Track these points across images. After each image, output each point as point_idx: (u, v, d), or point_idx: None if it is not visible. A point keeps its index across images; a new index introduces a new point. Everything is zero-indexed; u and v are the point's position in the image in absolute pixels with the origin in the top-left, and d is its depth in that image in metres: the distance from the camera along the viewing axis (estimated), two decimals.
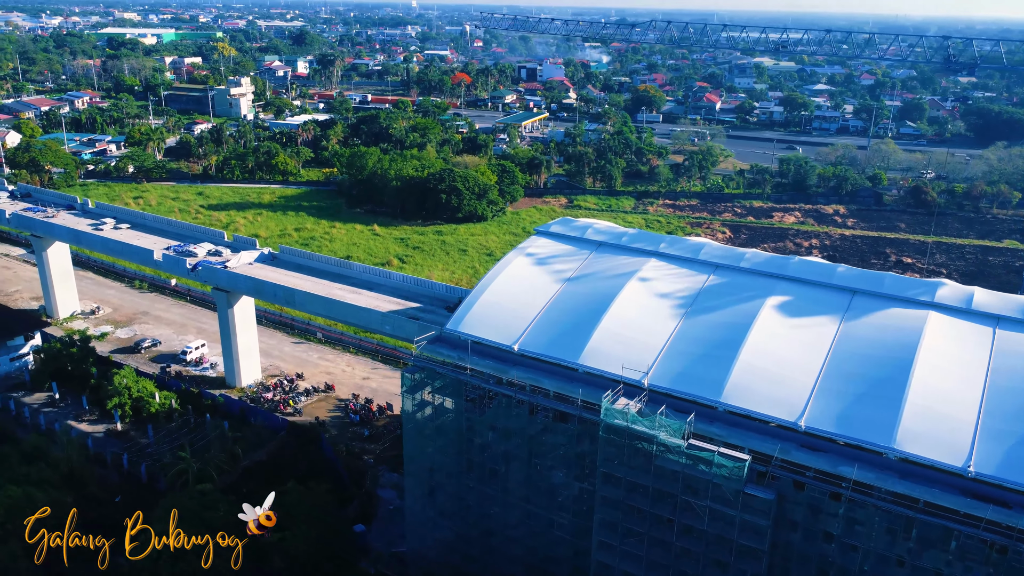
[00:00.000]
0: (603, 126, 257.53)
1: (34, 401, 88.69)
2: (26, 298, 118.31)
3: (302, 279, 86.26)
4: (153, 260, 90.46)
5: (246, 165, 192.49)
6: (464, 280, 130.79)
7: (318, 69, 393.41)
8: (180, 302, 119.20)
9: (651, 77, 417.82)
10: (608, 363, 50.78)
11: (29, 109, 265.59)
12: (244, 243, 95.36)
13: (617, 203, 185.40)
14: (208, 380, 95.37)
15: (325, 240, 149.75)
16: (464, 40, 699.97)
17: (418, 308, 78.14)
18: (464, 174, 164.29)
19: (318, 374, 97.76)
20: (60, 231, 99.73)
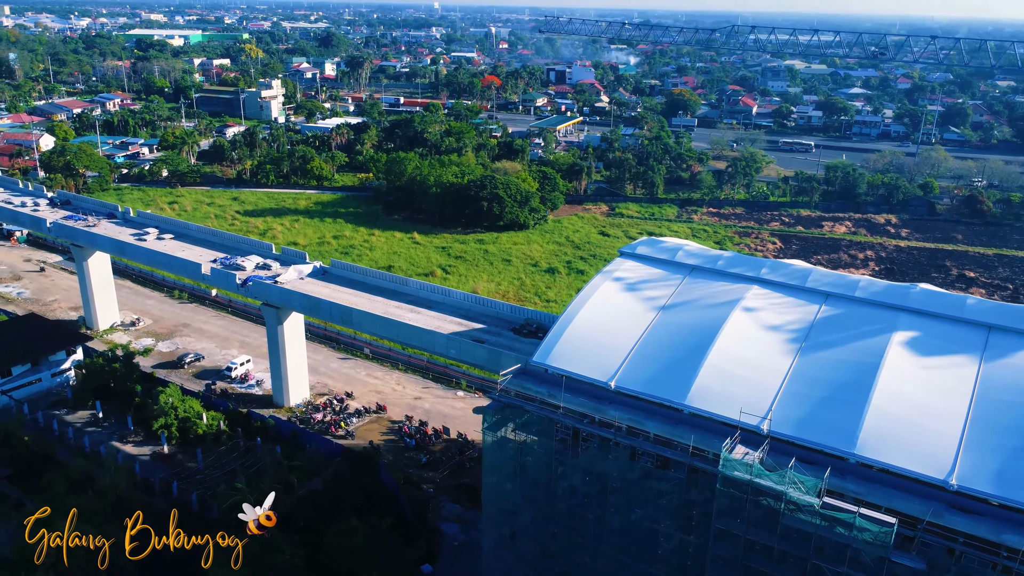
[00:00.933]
0: (640, 131, 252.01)
1: (77, 419, 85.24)
2: (64, 308, 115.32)
3: (356, 296, 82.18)
4: (201, 274, 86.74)
5: (281, 170, 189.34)
6: (511, 293, 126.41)
7: (346, 71, 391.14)
8: (221, 313, 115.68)
9: (681, 80, 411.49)
10: (719, 405, 46.00)
11: (61, 111, 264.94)
12: (293, 256, 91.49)
13: (660, 211, 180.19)
14: (254, 398, 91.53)
15: (365, 248, 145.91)
16: (489, 42, 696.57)
17: (482, 330, 73.82)
18: (506, 181, 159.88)
19: (368, 393, 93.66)
20: (103, 242, 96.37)
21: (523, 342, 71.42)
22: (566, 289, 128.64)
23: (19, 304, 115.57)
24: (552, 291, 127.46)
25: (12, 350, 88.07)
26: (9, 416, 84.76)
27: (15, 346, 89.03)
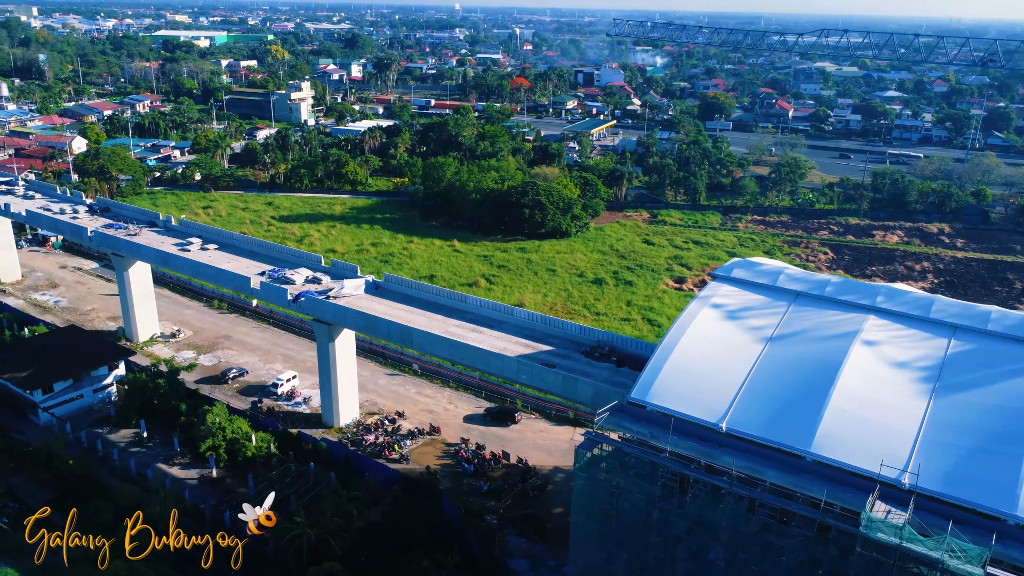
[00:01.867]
0: (676, 135, 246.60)
1: (120, 439, 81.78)
2: (103, 318, 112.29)
3: (413, 313, 78.10)
4: (250, 288, 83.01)
5: (315, 174, 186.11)
6: (559, 305, 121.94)
7: (373, 73, 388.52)
8: (262, 325, 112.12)
9: (711, 82, 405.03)
10: (848, 453, 41.30)
11: (91, 113, 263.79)
12: (344, 269, 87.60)
13: (703, 218, 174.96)
14: (302, 417, 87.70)
15: (404, 256, 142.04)
16: (513, 43, 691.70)
17: (550, 352, 69.47)
18: (547, 187, 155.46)
19: (419, 412, 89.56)
20: (147, 252, 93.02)
21: (596, 366, 67.05)
22: (615, 301, 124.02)
23: (56, 313, 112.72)
24: (601, 303, 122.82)
25: (54, 365, 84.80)
26: (51, 434, 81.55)
27: (57, 361, 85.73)
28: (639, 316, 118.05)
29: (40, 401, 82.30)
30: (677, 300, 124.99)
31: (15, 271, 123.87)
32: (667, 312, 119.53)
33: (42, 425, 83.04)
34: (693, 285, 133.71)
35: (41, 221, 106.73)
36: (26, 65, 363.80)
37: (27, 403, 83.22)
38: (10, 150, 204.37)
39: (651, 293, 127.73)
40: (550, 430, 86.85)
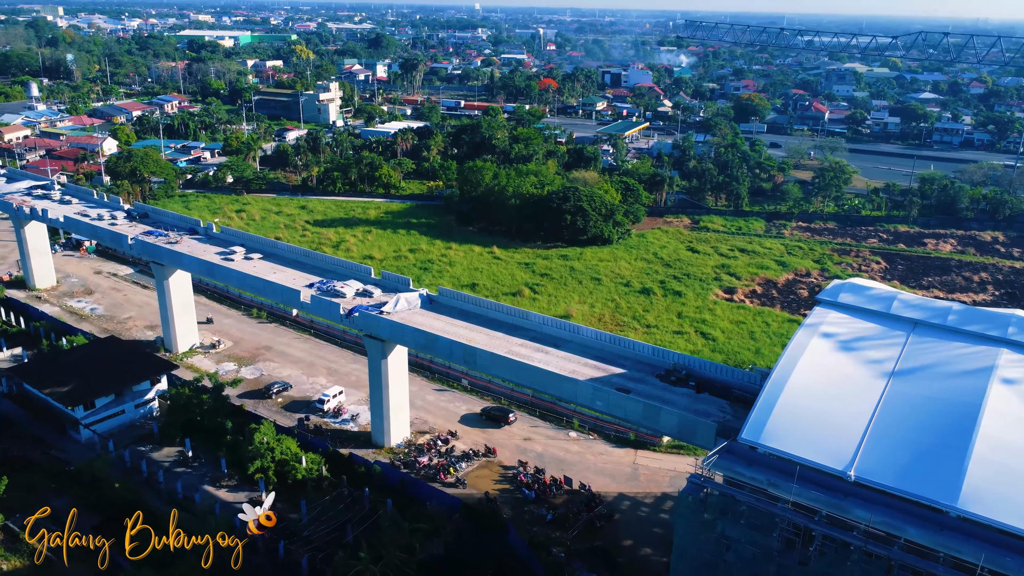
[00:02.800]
0: (713, 137, 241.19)
1: (164, 458, 78.44)
2: (140, 327, 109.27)
3: (472, 330, 74.14)
4: (300, 302, 79.40)
5: (348, 177, 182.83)
6: (607, 316, 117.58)
7: (400, 73, 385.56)
8: (303, 335, 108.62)
9: (741, 83, 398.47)
10: (1002, 510, 36.72)
11: (120, 113, 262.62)
12: (395, 282, 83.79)
13: (747, 225, 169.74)
14: (350, 436, 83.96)
15: (443, 263, 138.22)
16: (536, 43, 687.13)
17: (622, 376, 65.26)
18: (589, 193, 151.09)
19: (471, 431, 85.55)
20: (190, 262, 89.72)
21: (673, 392, 62.80)
22: (665, 312, 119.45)
23: (93, 322, 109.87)
24: (651, 315, 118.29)
25: (96, 380, 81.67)
26: (93, 452, 78.49)
27: (98, 375, 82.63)
28: (691, 329, 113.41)
29: (81, 417, 79.17)
30: (730, 312, 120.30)
31: (50, 277, 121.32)
32: (720, 324, 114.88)
33: (83, 442, 79.89)
34: (744, 296, 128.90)
35: (80, 228, 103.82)
36: (54, 65, 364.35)
37: (68, 419, 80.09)
38: (41, 151, 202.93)
39: (701, 304, 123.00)
40: (610, 452, 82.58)
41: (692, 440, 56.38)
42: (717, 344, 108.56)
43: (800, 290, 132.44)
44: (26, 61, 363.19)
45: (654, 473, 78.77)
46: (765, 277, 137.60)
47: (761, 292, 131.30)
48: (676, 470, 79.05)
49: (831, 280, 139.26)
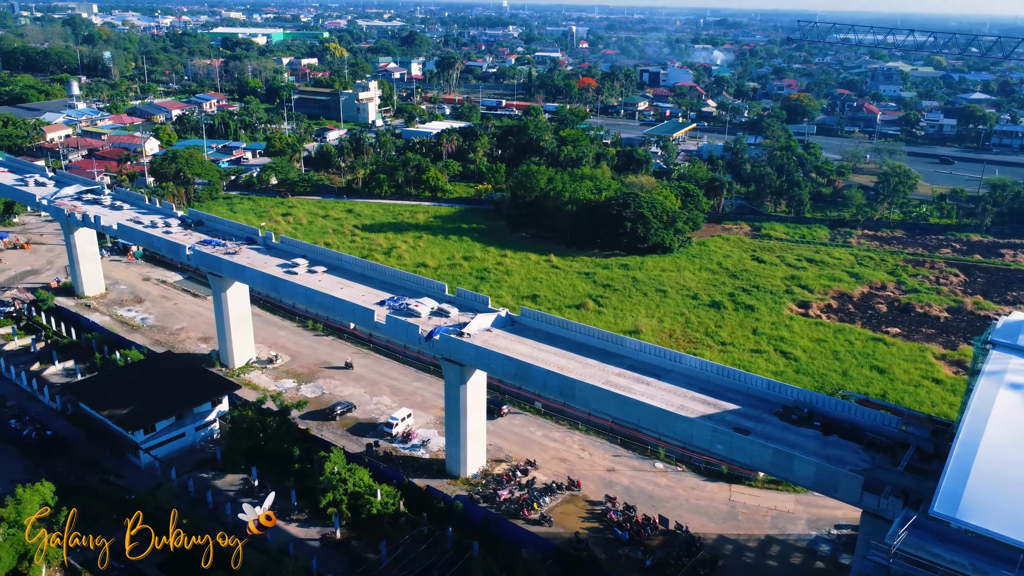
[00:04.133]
0: (765, 140, 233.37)
1: (228, 487, 73.69)
2: (193, 339, 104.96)
3: (562, 356, 68.41)
4: (374, 322, 74.10)
5: (394, 179, 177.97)
6: (678, 331, 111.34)
7: (436, 72, 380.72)
8: (362, 350, 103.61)
9: (784, 83, 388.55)
10: None
11: (160, 112, 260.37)
12: (472, 300, 78.27)
13: (810, 232, 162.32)
14: (422, 464, 78.67)
15: (500, 272, 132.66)
16: (568, 41, 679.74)
17: (736, 412, 59.21)
18: (650, 199, 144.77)
19: (550, 461, 79.94)
20: (253, 275, 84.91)
21: (798, 433, 56.71)
22: (739, 328, 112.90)
23: (145, 332, 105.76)
24: (724, 331, 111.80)
25: (156, 401, 77.17)
26: (153, 478, 73.96)
27: (159, 395, 78.16)
28: (770, 347, 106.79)
29: (141, 441, 74.64)
30: (808, 329, 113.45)
31: (99, 284, 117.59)
32: (801, 343, 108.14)
33: (143, 467, 75.43)
34: (819, 310, 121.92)
35: (135, 236, 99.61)
36: (92, 63, 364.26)
37: (127, 443, 75.63)
38: (83, 150, 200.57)
39: (777, 320, 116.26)
40: (702, 487, 76.51)
41: (832, 494, 50.27)
42: (800, 365, 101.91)
43: (878, 304, 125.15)
44: (65, 59, 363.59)
45: (753, 512, 72.63)
46: (839, 290, 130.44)
47: (837, 306, 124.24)
48: (776, 508, 73.02)
49: (908, 293, 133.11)
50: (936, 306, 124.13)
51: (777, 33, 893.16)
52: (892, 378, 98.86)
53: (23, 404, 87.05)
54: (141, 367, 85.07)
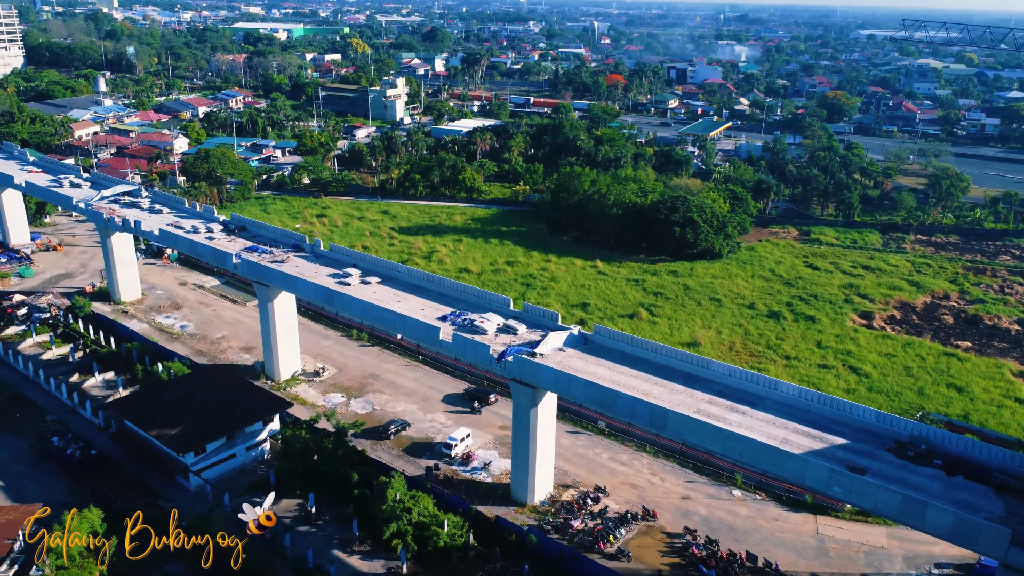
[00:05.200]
0: (805, 139, 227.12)
1: (284, 513, 69.31)
2: (235, 348, 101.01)
3: (643, 379, 63.73)
4: (439, 340, 69.59)
5: (429, 180, 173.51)
6: (738, 344, 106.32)
7: (460, 68, 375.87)
8: (410, 361, 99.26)
9: (815, 80, 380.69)
10: None
11: (186, 109, 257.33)
12: (539, 315, 73.62)
13: (861, 237, 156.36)
14: (485, 489, 74.19)
15: (545, 278, 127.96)
16: (589, 37, 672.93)
17: (846, 448, 54.49)
18: (699, 203, 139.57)
19: (620, 487, 75.26)
20: (305, 287, 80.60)
21: (918, 472, 51.92)
22: (801, 341, 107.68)
23: (185, 341, 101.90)
24: (787, 344, 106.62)
25: (206, 420, 73.16)
26: (204, 504, 69.92)
27: (208, 414, 74.14)
28: (838, 362, 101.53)
29: (192, 463, 70.59)
30: (875, 342, 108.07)
31: (135, 289, 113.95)
32: (870, 358, 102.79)
33: (192, 491, 71.48)
34: (883, 322, 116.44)
35: (177, 242, 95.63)
36: (116, 58, 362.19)
37: (176, 464, 71.64)
38: (112, 148, 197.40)
39: (841, 332, 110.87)
40: (786, 518, 71.58)
41: (972, 546, 45.47)
42: (872, 382, 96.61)
43: (944, 316, 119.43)
44: (89, 54, 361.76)
45: (844, 547, 67.65)
46: (900, 300, 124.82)
47: (900, 318, 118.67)
48: (868, 543, 68.05)
49: (974, 304, 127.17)
50: (1005, 318, 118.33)
51: (799, 29, 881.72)
52: (972, 397, 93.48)
53: (64, 418, 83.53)
54: (187, 382, 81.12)
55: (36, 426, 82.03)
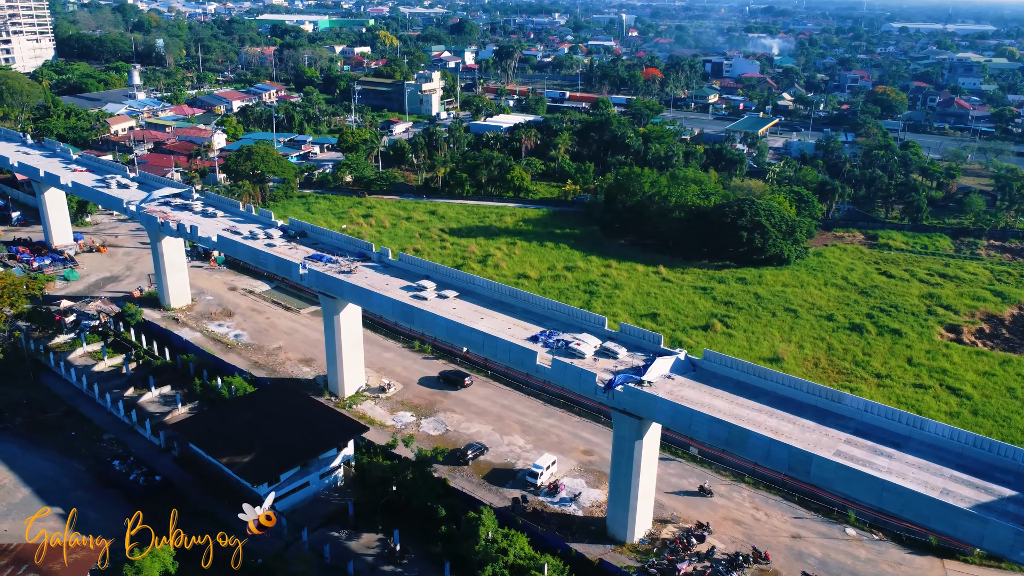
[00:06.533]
0: (860, 137, 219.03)
1: (365, 550, 64.23)
2: (294, 360, 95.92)
3: (769, 415, 57.74)
4: (536, 365, 63.91)
5: (476, 178, 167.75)
6: (823, 360, 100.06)
7: (492, 61, 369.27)
8: (478, 376, 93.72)
9: (856, 75, 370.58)
10: None
11: (220, 103, 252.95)
12: (638, 337, 67.70)
13: (931, 242, 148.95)
14: (576, 523, 68.53)
15: (608, 285, 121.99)
16: (617, 29, 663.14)
17: (1016, 500, 47.98)
18: (767, 206, 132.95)
19: (722, 523, 69.36)
20: (381, 302, 75.12)
21: None
22: (891, 358, 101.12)
23: (241, 352, 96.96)
24: (875, 360, 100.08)
25: (280, 446, 68.09)
26: (279, 538, 64.78)
27: (281, 439, 69.07)
28: (934, 382, 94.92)
29: (265, 494, 65.37)
30: (969, 359, 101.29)
31: (185, 295, 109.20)
32: (967, 377, 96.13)
33: None
34: (973, 336, 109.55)
35: (237, 250, 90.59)
36: (145, 51, 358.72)
37: (247, 494, 66.55)
38: (148, 144, 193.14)
39: (932, 348, 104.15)
40: (910, 562, 65.40)
41: None
42: (975, 404, 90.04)
43: None
44: (119, 47, 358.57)
45: None
46: (986, 311, 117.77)
47: (990, 331, 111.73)
48: None
49: None
50: None
51: (827, 21, 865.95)
52: None
53: (122, 437, 78.86)
54: (254, 402, 76.07)
55: (93, 446, 77.41)
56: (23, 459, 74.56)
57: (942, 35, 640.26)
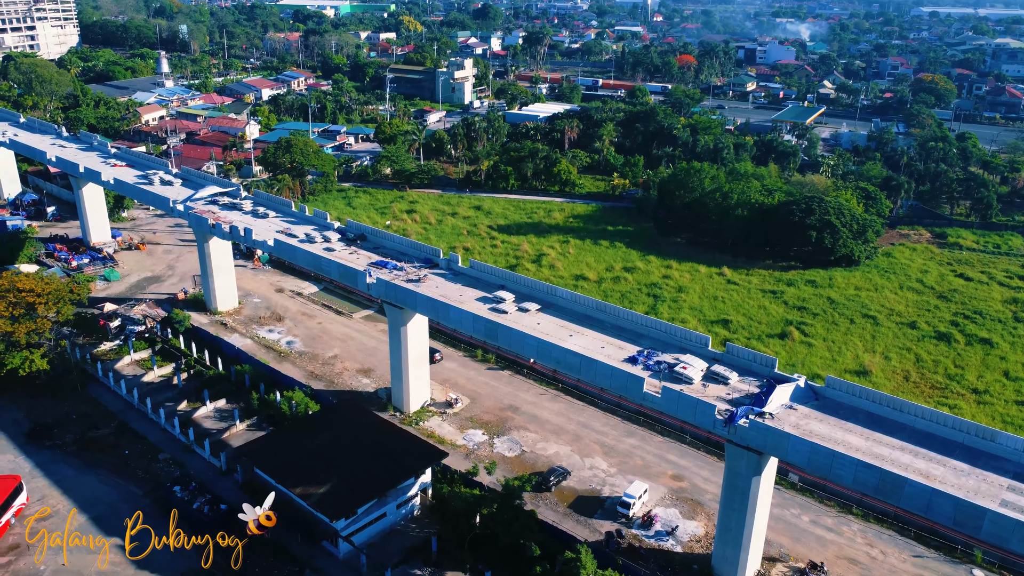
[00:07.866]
0: (915, 128, 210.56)
1: None
2: (351, 370, 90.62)
3: (912, 454, 51.75)
4: (642, 394, 58.04)
5: (521, 172, 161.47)
6: (913, 374, 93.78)
7: (522, 47, 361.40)
8: (548, 390, 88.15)
9: (897, 62, 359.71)
10: None
11: (249, 91, 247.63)
12: (748, 359, 61.59)
13: (1003, 241, 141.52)
14: (678, 561, 62.93)
15: (670, 288, 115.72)
16: (642, 13, 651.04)
17: None
18: (837, 204, 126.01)
19: (836, 562, 63.55)
20: (462, 317, 69.28)
21: None
22: (986, 371, 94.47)
23: (295, 361, 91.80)
24: (969, 374, 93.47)
25: (355, 475, 62.78)
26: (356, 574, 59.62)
27: (356, 467, 63.75)
28: None
29: (342, 528, 60.25)
30: None
31: (232, 298, 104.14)
32: None
33: (342, 559, 61.17)
34: None
35: (297, 256, 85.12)
36: (170, 37, 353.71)
37: (323, 527, 61.37)
38: (181, 135, 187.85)
39: None
40: None
41: None
42: None
43: None
44: (144, 33, 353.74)
45: None
46: None
47: None
48: None
49: None
50: None
51: (855, 5, 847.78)
52: None
53: (179, 457, 73.84)
54: (322, 424, 70.72)
55: (150, 467, 72.48)
56: (77, 482, 69.79)
57: (975, 20, 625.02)
